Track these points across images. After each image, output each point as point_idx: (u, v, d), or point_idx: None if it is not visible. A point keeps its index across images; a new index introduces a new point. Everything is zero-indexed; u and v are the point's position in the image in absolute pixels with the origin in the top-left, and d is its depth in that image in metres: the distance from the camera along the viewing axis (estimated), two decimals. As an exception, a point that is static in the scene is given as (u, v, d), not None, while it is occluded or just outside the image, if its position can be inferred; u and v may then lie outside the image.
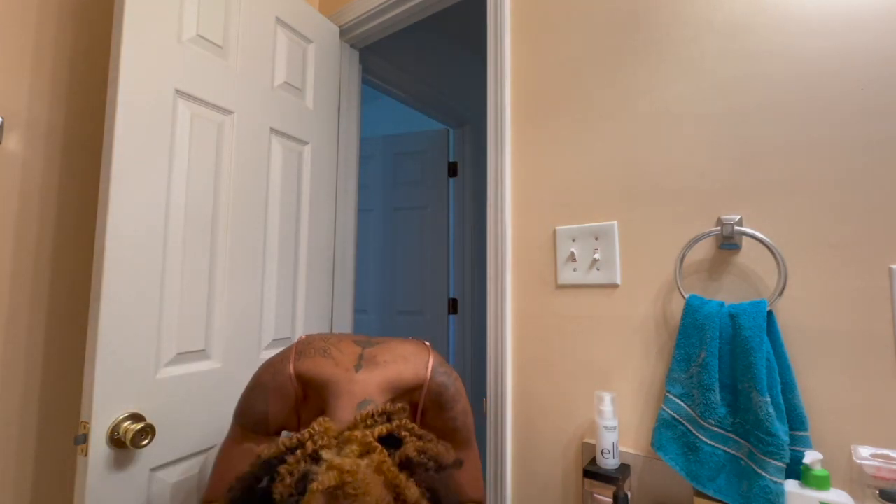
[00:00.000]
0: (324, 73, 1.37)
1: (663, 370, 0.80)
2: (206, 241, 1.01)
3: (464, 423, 0.75)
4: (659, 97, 0.85)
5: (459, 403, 0.75)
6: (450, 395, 0.74)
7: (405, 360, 0.74)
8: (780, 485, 0.61)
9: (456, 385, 0.76)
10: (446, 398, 0.73)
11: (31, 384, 0.94)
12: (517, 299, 1.01)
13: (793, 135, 0.71)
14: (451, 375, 0.76)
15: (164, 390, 0.91)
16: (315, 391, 0.72)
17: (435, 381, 0.73)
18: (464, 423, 0.75)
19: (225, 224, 1.05)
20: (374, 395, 0.68)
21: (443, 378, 0.74)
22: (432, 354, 0.77)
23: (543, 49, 1.02)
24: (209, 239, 1.02)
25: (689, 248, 0.76)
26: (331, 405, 0.68)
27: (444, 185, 2.30)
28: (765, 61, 0.75)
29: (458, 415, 0.74)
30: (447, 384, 0.74)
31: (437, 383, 0.73)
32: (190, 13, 1.00)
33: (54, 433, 0.97)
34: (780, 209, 0.72)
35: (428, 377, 0.73)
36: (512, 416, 0.99)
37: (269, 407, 0.73)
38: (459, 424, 0.74)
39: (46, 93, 1.00)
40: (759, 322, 0.66)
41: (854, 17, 0.68)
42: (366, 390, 0.69)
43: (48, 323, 0.97)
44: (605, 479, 0.78)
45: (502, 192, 1.03)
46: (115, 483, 0.82)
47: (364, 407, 0.67)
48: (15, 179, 0.94)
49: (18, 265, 0.94)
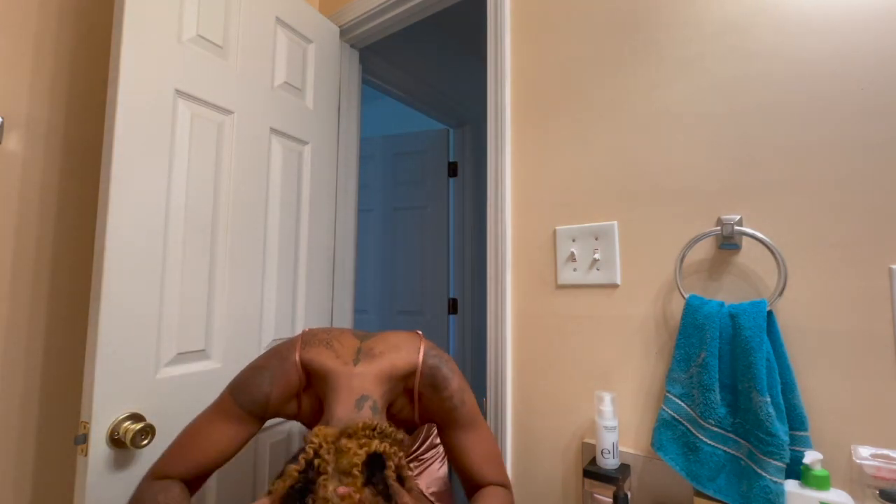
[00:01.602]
0: (324, 73, 1.37)
1: (663, 370, 0.80)
2: (206, 241, 1.01)
3: (461, 401, 0.76)
4: (659, 97, 0.85)
5: (453, 382, 0.77)
6: (442, 375, 0.76)
7: (398, 348, 0.77)
8: (780, 485, 0.61)
9: (448, 365, 0.78)
10: (439, 379, 0.76)
11: (31, 384, 0.94)
12: (517, 299, 1.01)
13: (793, 135, 0.71)
14: (443, 357, 0.78)
15: (164, 390, 0.91)
16: (317, 380, 0.75)
17: (427, 363, 0.76)
18: (461, 401, 0.76)
19: (225, 224, 1.05)
20: (371, 389, 0.72)
21: (434, 360, 0.77)
22: (423, 341, 0.79)
23: (543, 49, 1.02)
24: (209, 239, 1.02)
25: (689, 248, 0.76)
26: (330, 398, 0.72)
27: (444, 185, 2.30)
28: (765, 61, 0.75)
29: (453, 393, 0.76)
30: (438, 365, 0.76)
31: (429, 366, 0.76)
32: (190, 13, 1.00)
33: (54, 433, 0.97)
34: (780, 209, 0.72)
35: (420, 361, 0.76)
36: (512, 416, 0.99)
37: (273, 389, 0.75)
38: (457, 402, 0.76)
39: (46, 93, 1.00)
40: (759, 322, 0.66)
41: (854, 18, 0.68)
42: (363, 384, 0.72)
43: (48, 323, 0.97)
44: (605, 479, 0.78)
45: (502, 192, 1.03)
46: (115, 483, 0.82)
47: (362, 404, 0.70)
48: (15, 179, 0.94)
49: (18, 265, 0.94)
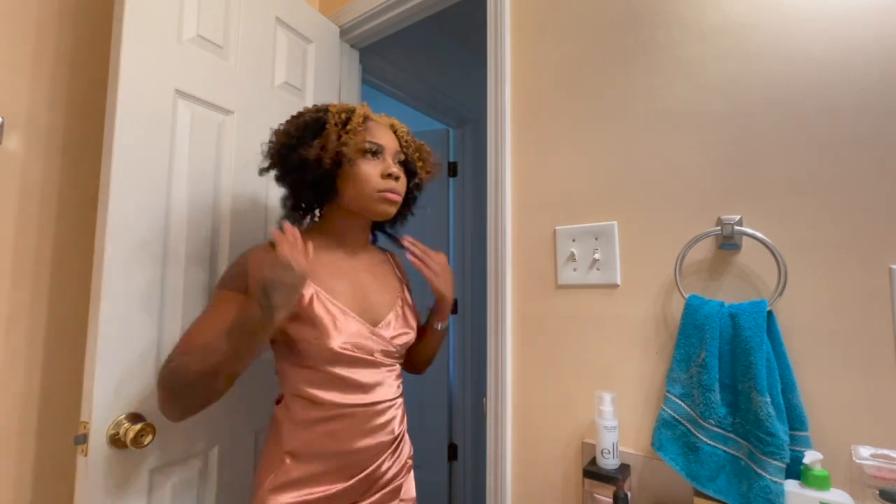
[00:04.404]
0: (324, 73, 1.37)
1: (663, 370, 0.80)
2: (207, 238, 1.01)
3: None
4: (659, 97, 0.85)
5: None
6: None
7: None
8: (780, 485, 0.61)
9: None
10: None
11: (31, 384, 0.94)
12: (517, 299, 1.01)
13: (793, 135, 0.71)
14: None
15: (164, 390, 0.91)
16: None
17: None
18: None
19: (226, 223, 1.05)
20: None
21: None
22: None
23: (543, 49, 1.02)
24: (210, 237, 1.02)
25: (689, 248, 0.76)
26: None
27: (444, 185, 2.30)
28: (764, 61, 0.75)
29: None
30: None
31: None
32: (190, 13, 1.00)
33: (54, 433, 0.97)
34: (780, 209, 0.72)
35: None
36: (512, 416, 0.99)
37: (249, 267, 0.80)
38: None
39: (46, 93, 0.99)
40: (759, 322, 0.66)
41: (854, 17, 0.68)
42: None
43: (48, 323, 0.97)
44: (605, 479, 0.78)
45: (502, 192, 1.03)
46: (115, 483, 0.82)
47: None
48: (15, 179, 0.94)
49: (18, 265, 0.94)
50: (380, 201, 0.85)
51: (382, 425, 0.84)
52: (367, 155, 0.85)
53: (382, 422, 0.84)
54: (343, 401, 0.80)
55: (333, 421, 0.80)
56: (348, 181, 0.84)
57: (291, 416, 0.81)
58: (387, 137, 0.88)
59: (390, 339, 0.87)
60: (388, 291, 0.93)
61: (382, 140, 0.87)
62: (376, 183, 0.84)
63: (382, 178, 0.85)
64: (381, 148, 0.86)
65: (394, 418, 0.86)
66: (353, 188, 0.84)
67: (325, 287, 0.82)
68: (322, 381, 0.80)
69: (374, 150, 0.85)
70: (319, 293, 0.81)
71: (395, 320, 0.90)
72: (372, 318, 0.86)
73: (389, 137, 0.89)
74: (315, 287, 0.81)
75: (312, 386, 0.80)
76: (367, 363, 0.83)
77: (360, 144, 0.84)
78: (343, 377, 0.80)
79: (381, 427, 0.83)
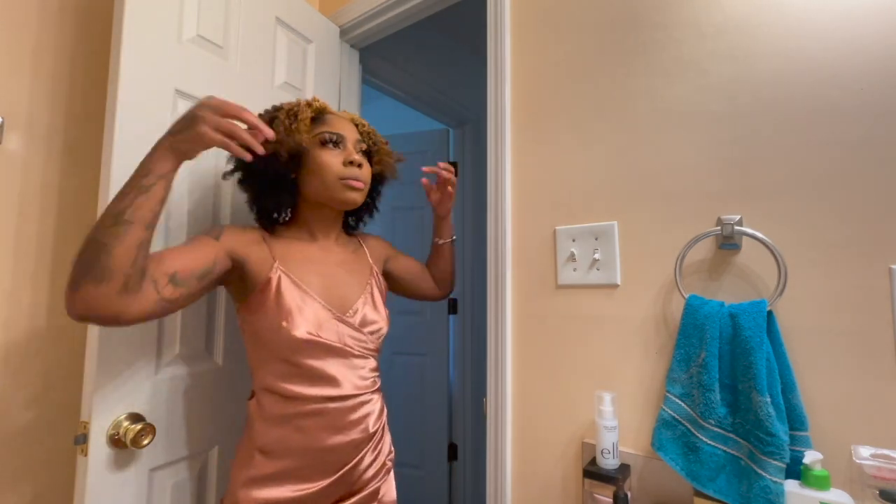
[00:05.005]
0: (324, 73, 1.37)
1: (663, 370, 0.80)
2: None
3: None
4: (659, 97, 0.85)
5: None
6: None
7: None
8: (780, 485, 0.61)
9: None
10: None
11: (31, 384, 0.94)
12: (517, 299, 1.01)
13: (793, 135, 0.71)
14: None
15: (164, 390, 0.91)
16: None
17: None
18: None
19: (226, 223, 1.05)
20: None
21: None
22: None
23: (543, 49, 1.02)
24: (209, 239, 1.02)
25: (689, 248, 0.76)
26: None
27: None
28: (765, 61, 0.75)
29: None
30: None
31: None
32: (190, 13, 1.00)
33: (54, 433, 0.97)
34: (780, 209, 0.72)
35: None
36: (512, 416, 0.99)
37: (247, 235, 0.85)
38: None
39: (46, 93, 0.99)
40: (759, 322, 0.66)
41: (854, 17, 0.68)
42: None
43: (48, 322, 0.97)
44: (605, 479, 0.78)
45: (502, 192, 1.03)
46: (115, 483, 0.82)
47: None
48: (15, 179, 0.94)
49: (18, 265, 0.94)
50: (344, 188, 0.86)
51: (355, 422, 0.82)
52: (329, 145, 0.86)
53: (355, 418, 0.83)
54: (312, 393, 0.79)
55: (304, 417, 0.79)
56: (311, 173, 0.86)
57: (262, 411, 0.81)
58: (347, 128, 0.90)
59: (358, 325, 0.86)
60: (358, 282, 0.93)
61: (342, 130, 0.88)
62: (339, 171, 0.85)
63: (345, 166, 0.86)
64: (340, 137, 0.88)
65: (368, 414, 0.85)
66: (317, 178, 0.86)
67: (294, 273, 0.82)
68: (291, 373, 0.79)
69: (334, 140, 0.87)
70: (286, 276, 0.81)
71: (363, 306, 0.90)
72: (341, 306, 0.86)
73: (350, 129, 0.91)
74: (282, 270, 0.81)
75: (282, 379, 0.79)
76: (336, 352, 0.82)
77: (320, 136, 0.86)
78: (311, 367, 0.80)
79: (354, 423, 0.82)
